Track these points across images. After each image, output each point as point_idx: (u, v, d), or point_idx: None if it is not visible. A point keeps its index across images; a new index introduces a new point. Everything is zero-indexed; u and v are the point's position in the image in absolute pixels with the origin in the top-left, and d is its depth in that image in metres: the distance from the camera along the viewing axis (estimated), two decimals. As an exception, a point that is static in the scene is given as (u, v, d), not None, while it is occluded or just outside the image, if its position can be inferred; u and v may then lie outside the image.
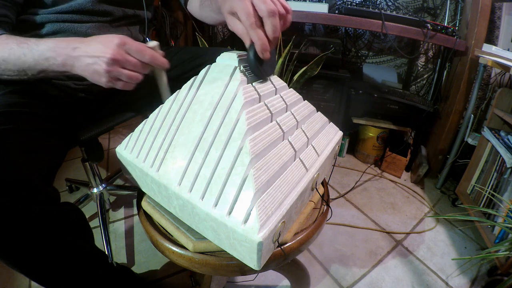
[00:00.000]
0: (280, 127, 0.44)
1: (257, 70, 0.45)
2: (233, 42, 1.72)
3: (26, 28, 0.58)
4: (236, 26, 0.43)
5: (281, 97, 0.49)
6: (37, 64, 0.46)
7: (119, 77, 0.45)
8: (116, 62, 0.44)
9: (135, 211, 1.12)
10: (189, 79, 0.49)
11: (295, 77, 1.12)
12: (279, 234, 0.39)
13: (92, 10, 0.61)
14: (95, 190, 0.99)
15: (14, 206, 0.38)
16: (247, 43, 0.43)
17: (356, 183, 1.37)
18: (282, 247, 0.44)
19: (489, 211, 0.91)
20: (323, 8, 1.27)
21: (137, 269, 0.88)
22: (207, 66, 0.49)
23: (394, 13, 1.27)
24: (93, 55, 0.44)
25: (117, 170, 1.22)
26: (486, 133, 1.11)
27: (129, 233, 1.02)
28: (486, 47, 1.11)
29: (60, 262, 0.47)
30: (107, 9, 0.63)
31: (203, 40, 1.18)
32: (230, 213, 0.36)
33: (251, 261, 0.37)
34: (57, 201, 0.46)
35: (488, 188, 1.08)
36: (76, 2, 0.58)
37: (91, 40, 0.46)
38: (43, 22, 0.58)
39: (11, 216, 0.38)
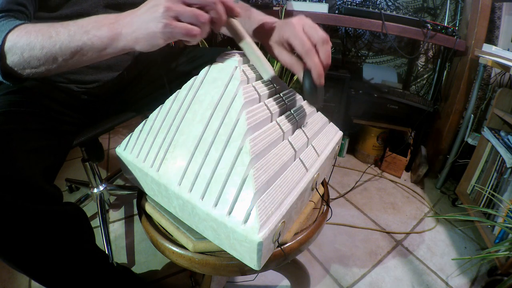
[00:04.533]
0: (280, 127, 0.44)
1: (314, 97, 0.44)
2: (233, 42, 1.72)
3: None
4: (283, 56, 0.45)
5: (281, 97, 0.49)
6: (72, 41, 0.39)
7: (178, 31, 0.37)
8: (171, 11, 0.36)
9: (135, 211, 1.12)
10: (189, 79, 0.49)
11: (295, 77, 1.12)
12: (279, 234, 0.39)
13: (96, 15, 0.61)
14: (95, 190, 0.99)
15: (15, 205, 0.38)
16: (297, 72, 0.44)
17: (356, 183, 1.37)
18: (282, 247, 0.44)
19: (489, 211, 0.91)
20: (323, 8, 1.27)
21: (137, 269, 0.88)
22: (207, 66, 0.49)
23: (394, 13, 1.28)
24: (144, 16, 0.37)
25: (117, 170, 1.22)
26: (486, 133, 1.11)
27: (129, 233, 1.02)
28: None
29: (61, 262, 0.47)
30: (112, 13, 0.63)
31: (203, 40, 1.18)
32: (230, 213, 0.36)
33: (251, 261, 0.37)
34: (60, 201, 0.46)
35: (488, 188, 1.08)
36: (80, 6, 0.58)
37: (135, 10, 0.40)
38: None
39: (12, 215, 0.38)
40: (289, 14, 1.25)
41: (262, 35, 0.51)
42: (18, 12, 0.49)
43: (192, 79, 0.49)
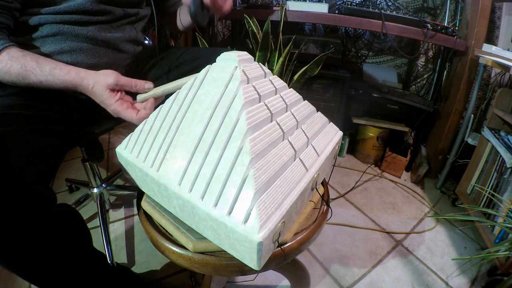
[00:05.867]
0: (280, 127, 0.44)
1: (200, 15, 0.59)
2: (233, 42, 1.72)
3: (26, 29, 0.58)
4: None
5: (281, 97, 0.49)
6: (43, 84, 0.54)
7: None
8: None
9: (135, 211, 1.12)
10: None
11: (295, 77, 1.12)
12: (279, 234, 0.39)
13: (92, 10, 0.60)
14: (95, 190, 0.99)
15: (11, 205, 0.38)
16: None
17: (356, 183, 1.37)
18: (282, 247, 0.44)
19: (489, 211, 0.91)
20: (323, 8, 1.27)
21: (137, 269, 0.88)
22: (207, 66, 0.49)
23: (394, 13, 1.27)
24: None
25: (117, 170, 1.22)
26: (486, 133, 1.11)
27: (129, 233, 1.02)
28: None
29: (58, 263, 0.47)
30: (107, 9, 0.63)
31: (203, 40, 1.18)
32: (230, 213, 0.36)
33: (251, 261, 0.37)
34: (53, 202, 0.46)
35: (488, 188, 1.08)
36: (75, 2, 0.58)
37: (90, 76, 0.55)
38: (42, 24, 0.58)
39: (8, 215, 0.38)
40: (289, 14, 1.25)
41: None
42: (2, 7, 0.52)
43: (192, 79, 0.49)
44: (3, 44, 0.50)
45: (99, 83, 0.54)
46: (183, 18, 0.80)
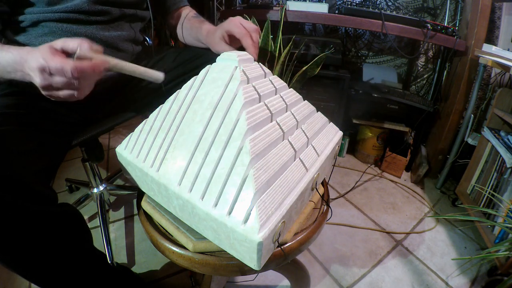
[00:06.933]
0: (280, 127, 0.44)
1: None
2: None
3: (23, 28, 0.58)
4: (222, 46, 0.60)
5: (281, 97, 0.49)
6: (1, 73, 0.46)
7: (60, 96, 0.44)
8: (47, 88, 0.42)
9: (135, 211, 1.12)
10: (189, 79, 0.49)
11: (295, 77, 1.12)
12: (279, 234, 0.39)
13: (89, 10, 0.61)
14: (95, 190, 0.99)
15: (11, 205, 0.38)
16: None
17: (356, 183, 1.37)
18: (282, 247, 0.44)
19: (489, 211, 0.91)
20: (323, 8, 1.27)
21: (137, 269, 0.88)
22: (207, 66, 0.49)
23: (394, 13, 1.28)
24: (32, 76, 0.42)
25: (117, 170, 1.22)
26: (486, 133, 1.11)
27: (129, 233, 1.02)
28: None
29: (58, 263, 0.47)
30: (103, 9, 0.63)
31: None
32: (230, 213, 0.36)
33: (251, 261, 0.37)
34: (54, 202, 0.46)
35: (488, 188, 1.08)
36: (72, 3, 0.58)
37: (31, 53, 0.43)
38: (40, 21, 0.58)
39: (8, 215, 0.38)
40: (289, 14, 1.25)
41: (209, 39, 0.66)
42: None
43: (192, 79, 0.49)
44: None
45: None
46: (186, 36, 0.80)
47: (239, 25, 0.57)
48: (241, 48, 0.58)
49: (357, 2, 1.47)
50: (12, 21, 0.57)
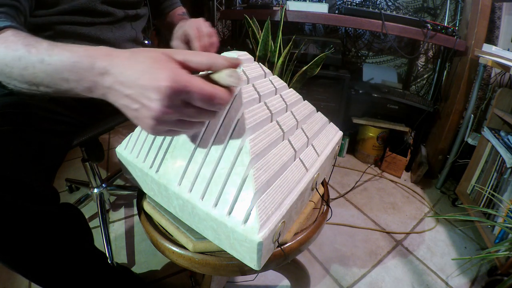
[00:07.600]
0: (280, 127, 0.44)
1: None
2: (233, 42, 1.72)
3: (29, 31, 0.58)
4: (176, 43, 0.59)
5: (281, 97, 0.49)
6: (53, 83, 0.34)
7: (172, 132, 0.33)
8: (167, 115, 0.29)
9: (135, 211, 1.12)
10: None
11: (295, 77, 1.12)
12: (279, 234, 0.39)
13: (95, 10, 0.61)
14: (95, 190, 0.99)
15: (11, 205, 0.38)
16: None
17: (356, 183, 1.37)
18: (282, 247, 0.44)
19: (489, 211, 0.91)
20: (323, 8, 1.27)
21: (137, 269, 0.88)
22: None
23: (394, 13, 1.28)
24: (133, 97, 0.29)
25: (117, 170, 1.22)
26: (486, 133, 1.11)
27: (129, 233, 1.02)
28: (486, 47, 1.11)
29: (59, 262, 0.47)
30: (109, 10, 0.63)
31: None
32: (230, 213, 0.36)
33: (251, 261, 0.37)
34: (56, 202, 0.46)
35: (488, 188, 1.08)
36: (78, 2, 0.58)
37: (124, 60, 0.30)
38: (45, 24, 0.58)
39: (8, 215, 0.38)
40: (289, 14, 1.25)
41: (174, 35, 0.64)
42: (11, 7, 0.44)
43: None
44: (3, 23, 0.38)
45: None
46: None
47: (194, 27, 0.57)
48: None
49: (357, 2, 1.47)
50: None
